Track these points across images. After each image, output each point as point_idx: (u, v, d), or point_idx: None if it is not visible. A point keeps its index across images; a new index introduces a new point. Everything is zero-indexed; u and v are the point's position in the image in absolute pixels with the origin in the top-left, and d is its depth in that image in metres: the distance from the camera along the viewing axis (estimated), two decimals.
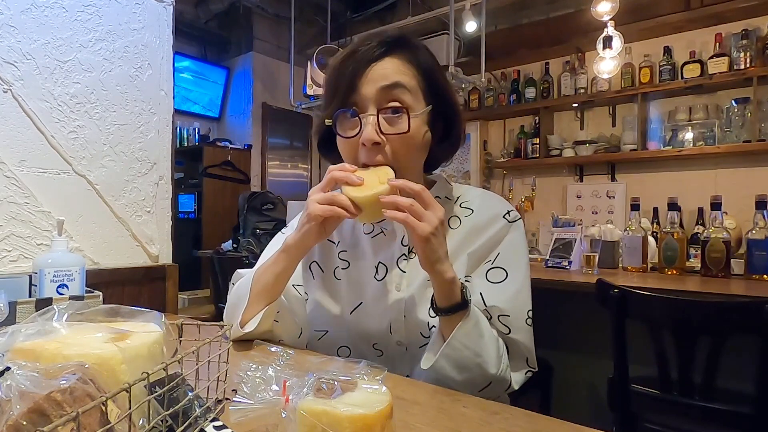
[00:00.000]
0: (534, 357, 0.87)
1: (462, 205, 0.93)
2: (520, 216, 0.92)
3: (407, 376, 0.85)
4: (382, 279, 0.90)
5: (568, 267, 2.06)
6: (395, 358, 0.87)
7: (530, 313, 0.87)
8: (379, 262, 0.91)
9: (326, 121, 0.84)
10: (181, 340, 0.63)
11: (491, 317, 0.83)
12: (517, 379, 0.85)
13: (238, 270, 1.03)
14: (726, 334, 1.21)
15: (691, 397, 1.24)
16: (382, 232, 0.93)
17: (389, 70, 0.81)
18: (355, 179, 0.75)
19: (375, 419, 0.46)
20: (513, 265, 0.87)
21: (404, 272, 0.89)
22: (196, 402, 0.52)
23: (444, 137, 0.89)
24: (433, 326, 0.84)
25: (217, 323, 0.63)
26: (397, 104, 0.80)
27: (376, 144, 0.79)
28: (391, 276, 0.89)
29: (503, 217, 0.90)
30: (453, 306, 0.76)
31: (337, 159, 0.91)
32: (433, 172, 0.99)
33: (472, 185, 1.22)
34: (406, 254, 0.90)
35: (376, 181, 0.75)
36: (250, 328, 0.84)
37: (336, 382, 0.49)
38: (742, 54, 3.06)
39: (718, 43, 3.19)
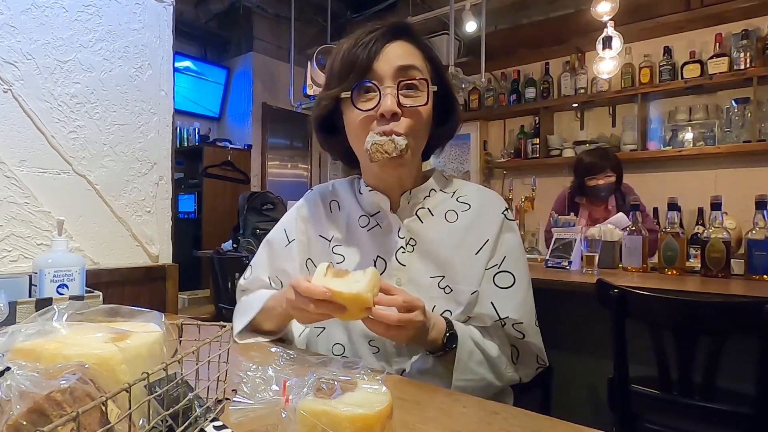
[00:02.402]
0: (544, 353, 0.91)
1: (459, 200, 0.94)
2: (513, 216, 0.95)
3: (403, 371, 0.85)
4: (381, 273, 0.88)
5: (568, 267, 2.06)
6: (391, 354, 0.86)
7: (535, 315, 0.91)
8: (378, 256, 0.90)
9: (343, 94, 0.85)
10: (181, 340, 0.63)
11: (505, 325, 0.86)
12: (528, 374, 0.90)
13: (240, 283, 1.04)
14: (726, 334, 1.21)
15: (691, 397, 1.24)
16: (378, 225, 0.93)
17: (404, 52, 0.85)
18: (337, 311, 0.70)
19: (375, 419, 0.46)
20: (518, 269, 0.89)
21: (404, 265, 0.89)
22: (196, 402, 0.52)
23: (442, 121, 0.92)
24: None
25: (217, 323, 0.63)
26: (414, 81, 0.83)
27: (395, 115, 0.81)
28: (390, 269, 0.89)
29: (502, 213, 0.91)
30: (438, 349, 0.80)
31: (335, 141, 0.94)
32: (428, 163, 1.01)
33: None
34: (404, 246, 0.90)
35: (361, 305, 0.71)
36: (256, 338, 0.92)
37: (336, 382, 0.49)
38: (742, 54, 3.07)
39: (718, 43, 3.19)
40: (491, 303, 0.85)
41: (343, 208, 0.98)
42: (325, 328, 0.93)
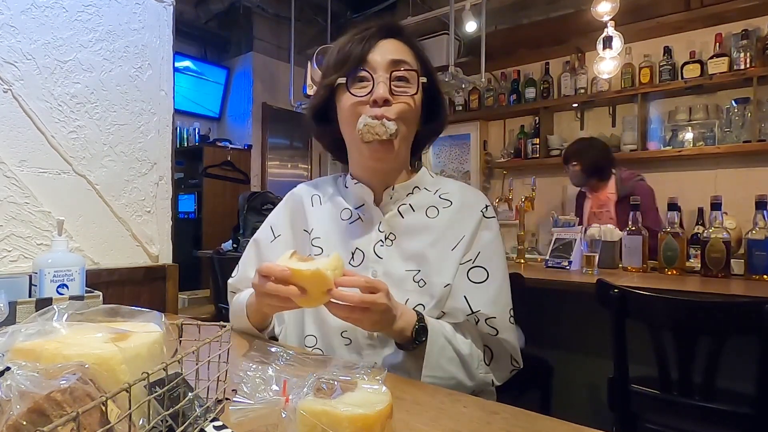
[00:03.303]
0: (518, 353, 0.91)
1: (441, 197, 0.95)
2: (495, 214, 0.95)
3: (374, 364, 0.85)
4: (358, 265, 0.91)
5: (568, 267, 2.06)
6: (363, 347, 0.87)
7: (512, 311, 0.91)
8: (356, 248, 0.92)
9: (339, 79, 0.89)
10: (181, 340, 0.63)
11: (478, 321, 0.86)
12: (502, 376, 0.90)
13: (229, 282, 1.05)
14: (726, 335, 1.21)
15: (691, 397, 1.24)
16: (360, 218, 0.95)
17: (396, 48, 0.90)
18: (296, 293, 0.70)
19: (375, 419, 0.46)
20: (492, 264, 0.90)
21: (380, 258, 0.90)
22: (196, 402, 0.52)
23: (430, 118, 0.96)
24: None
25: (217, 323, 0.63)
26: (405, 73, 0.88)
27: (386, 102, 0.85)
28: (367, 261, 0.91)
29: (481, 211, 0.93)
30: (407, 343, 0.81)
31: (327, 131, 0.97)
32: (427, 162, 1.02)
33: (475, 187, 1.24)
34: (383, 240, 0.91)
35: (322, 285, 0.70)
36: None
37: (336, 382, 0.49)
38: (742, 54, 3.06)
39: (718, 43, 3.19)
40: (464, 297, 0.86)
41: (325, 202, 1.00)
42: (297, 318, 0.93)
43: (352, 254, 0.92)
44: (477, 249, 0.90)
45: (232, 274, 1.05)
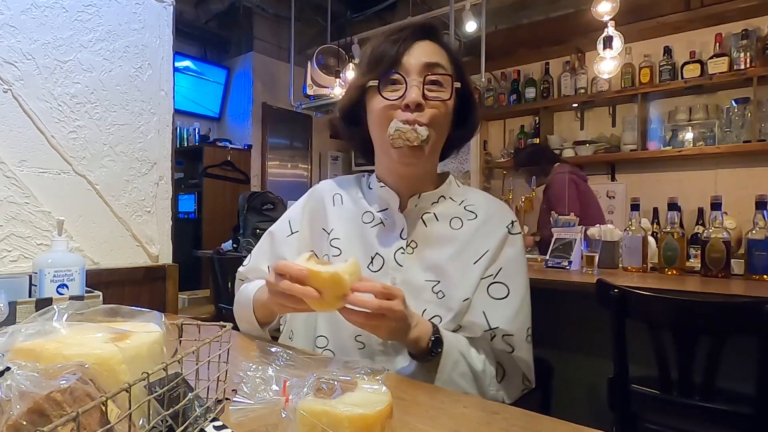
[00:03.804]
0: (532, 373, 0.89)
1: (466, 208, 0.93)
2: (521, 230, 0.94)
3: (387, 370, 0.84)
4: (377, 270, 0.89)
5: (568, 267, 2.06)
6: (376, 352, 0.85)
7: (530, 330, 0.89)
8: (377, 253, 0.90)
9: (371, 81, 0.87)
10: (181, 340, 0.63)
11: (495, 336, 0.85)
12: (512, 395, 0.87)
13: (239, 270, 1.04)
14: (726, 335, 1.21)
15: (691, 397, 1.24)
16: (382, 222, 0.93)
17: (431, 50, 0.88)
18: (313, 294, 0.68)
19: (375, 419, 0.46)
20: (514, 281, 0.88)
21: (401, 266, 0.88)
22: (196, 402, 0.52)
23: (462, 122, 0.93)
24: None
25: (217, 323, 0.63)
26: (439, 77, 0.86)
27: (419, 106, 0.83)
28: (387, 268, 0.89)
29: (506, 227, 0.91)
30: (421, 354, 0.79)
31: (355, 132, 0.94)
32: (444, 170, 1.01)
33: (475, 187, 1.23)
34: (404, 248, 0.89)
35: (337, 289, 0.69)
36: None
37: (336, 382, 0.49)
38: (742, 54, 3.06)
39: (718, 43, 3.19)
40: (482, 312, 0.85)
41: (346, 202, 0.98)
42: (309, 318, 0.92)
43: (372, 259, 0.90)
44: (500, 265, 0.88)
45: (243, 263, 1.03)
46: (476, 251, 0.88)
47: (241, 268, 1.03)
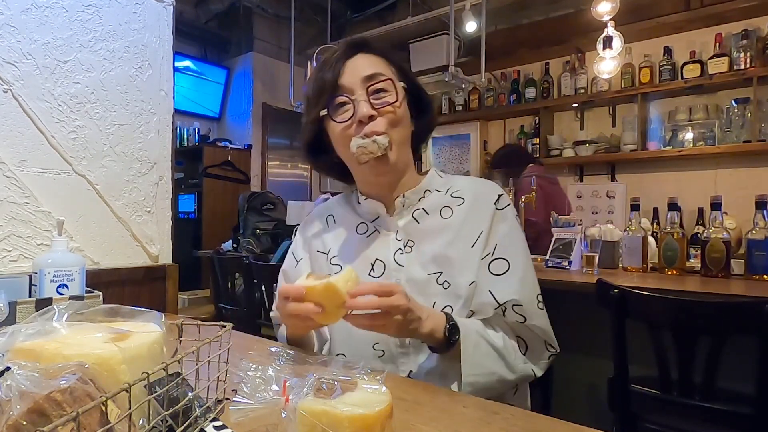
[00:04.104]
0: (553, 337, 0.91)
1: (453, 195, 0.95)
2: (509, 202, 0.95)
3: (410, 372, 0.85)
4: (379, 275, 0.91)
5: (568, 267, 2.06)
6: (396, 356, 0.87)
7: (540, 297, 0.90)
8: (376, 259, 0.92)
9: (321, 112, 0.90)
10: (181, 340, 0.63)
11: (506, 309, 0.86)
12: (541, 366, 0.89)
13: (272, 316, 1.05)
14: (726, 335, 1.21)
15: (691, 397, 1.24)
16: (377, 230, 0.95)
17: (365, 63, 0.91)
18: (313, 309, 0.71)
19: (375, 419, 0.46)
20: (512, 254, 0.89)
21: (402, 266, 0.90)
22: (196, 402, 0.52)
23: (420, 114, 0.97)
24: None
25: (217, 323, 0.63)
26: (381, 84, 0.88)
27: (371, 117, 0.86)
28: (389, 271, 0.90)
29: (493, 204, 0.92)
30: (441, 345, 0.80)
31: (325, 160, 0.98)
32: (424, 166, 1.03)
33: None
34: (402, 248, 0.91)
35: (336, 298, 0.71)
36: None
37: (336, 382, 0.49)
38: (742, 54, 3.06)
39: (718, 43, 3.19)
40: (489, 291, 0.86)
41: (338, 220, 1.02)
42: (328, 339, 0.94)
43: (372, 266, 0.92)
44: (495, 241, 0.90)
45: (272, 306, 1.06)
46: (471, 234, 0.90)
47: (272, 313, 1.05)
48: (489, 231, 0.90)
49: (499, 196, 0.94)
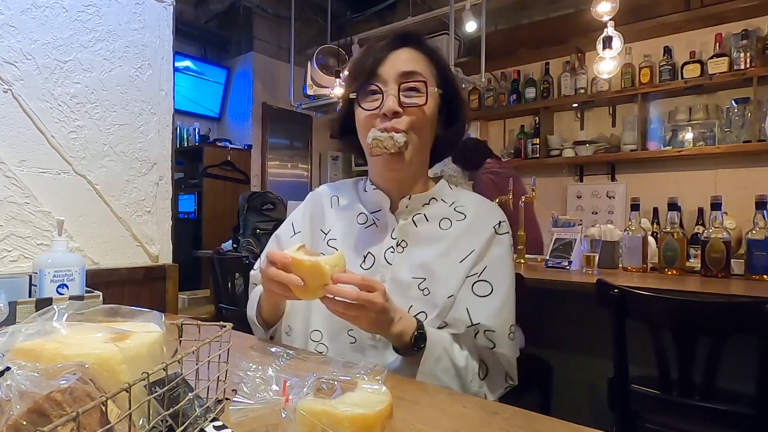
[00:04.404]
0: (515, 370, 0.91)
1: (456, 209, 0.96)
2: (509, 230, 0.95)
3: (376, 365, 0.85)
4: (368, 268, 0.92)
5: (568, 267, 2.06)
6: (366, 347, 0.88)
7: (512, 328, 0.90)
8: (368, 252, 0.94)
9: (351, 94, 0.92)
10: (181, 340, 0.63)
11: (477, 332, 0.87)
12: (495, 393, 0.89)
13: (251, 274, 1.06)
14: (726, 335, 1.21)
15: (691, 397, 1.24)
16: (375, 223, 0.97)
17: (407, 58, 0.91)
18: (295, 281, 0.72)
19: (375, 419, 0.46)
20: (498, 280, 0.90)
21: (390, 264, 0.92)
22: (196, 402, 0.52)
23: (450, 123, 0.97)
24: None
25: (217, 323, 0.63)
26: (415, 83, 0.88)
27: (396, 114, 0.87)
28: (377, 266, 0.92)
29: (493, 227, 0.93)
30: (405, 349, 0.81)
31: (350, 141, 0.98)
32: (437, 173, 1.03)
33: (465, 182, 1.26)
34: (394, 247, 0.93)
35: (319, 279, 0.72)
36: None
37: (336, 382, 0.49)
38: (742, 54, 3.06)
39: (718, 43, 3.19)
40: (466, 309, 0.87)
41: (343, 204, 1.02)
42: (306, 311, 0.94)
43: (364, 258, 0.93)
44: (485, 263, 0.90)
45: (254, 266, 1.07)
46: (463, 250, 0.90)
47: (252, 272, 1.06)
48: (482, 251, 0.90)
49: (501, 222, 0.94)
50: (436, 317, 0.86)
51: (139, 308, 0.60)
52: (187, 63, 4.53)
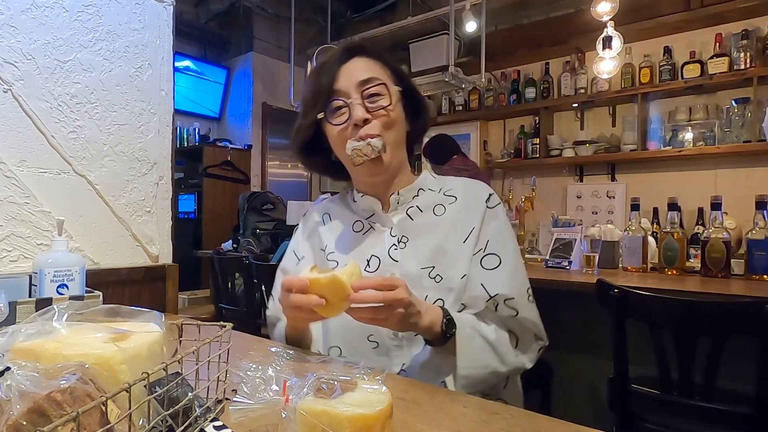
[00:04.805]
0: (542, 329, 0.93)
1: (446, 194, 0.99)
2: (499, 200, 0.98)
3: (403, 365, 0.87)
4: (374, 271, 0.93)
5: (568, 267, 2.06)
6: (390, 348, 0.88)
7: (530, 290, 0.93)
8: (372, 255, 0.94)
9: (318, 115, 0.93)
10: (181, 340, 0.63)
11: (498, 304, 0.88)
12: (531, 357, 0.91)
13: (267, 315, 1.05)
14: (726, 335, 1.21)
15: (691, 397, 1.24)
16: (372, 227, 0.98)
17: (360, 67, 0.93)
18: (317, 301, 0.72)
19: (375, 419, 0.46)
20: (503, 249, 0.92)
21: (396, 261, 0.93)
22: (196, 402, 0.52)
23: (415, 116, 1.00)
24: None
25: (217, 323, 0.63)
26: (375, 87, 0.91)
27: (366, 120, 0.89)
28: (384, 266, 0.93)
29: (484, 202, 0.96)
30: (437, 338, 0.82)
31: (318, 160, 1.01)
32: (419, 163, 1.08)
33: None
34: (396, 244, 0.94)
35: (340, 291, 0.72)
36: None
37: (336, 382, 0.49)
38: (742, 54, 3.06)
39: (718, 43, 3.19)
40: (481, 284, 0.89)
41: (335, 218, 1.04)
42: (323, 330, 0.95)
43: (368, 262, 0.94)
44: (486, 238, 0.93)
45: (268, 305, 1.07)
46: (463, 231, 0.93)
47: (267, 312, 1.06)
48: (480, 227, 0.93)
49: (490, 195, 0.97)
50: (454, 301, 0.88)
51: (139, 308, 0.60)
52: (187, 63, 4.53)
